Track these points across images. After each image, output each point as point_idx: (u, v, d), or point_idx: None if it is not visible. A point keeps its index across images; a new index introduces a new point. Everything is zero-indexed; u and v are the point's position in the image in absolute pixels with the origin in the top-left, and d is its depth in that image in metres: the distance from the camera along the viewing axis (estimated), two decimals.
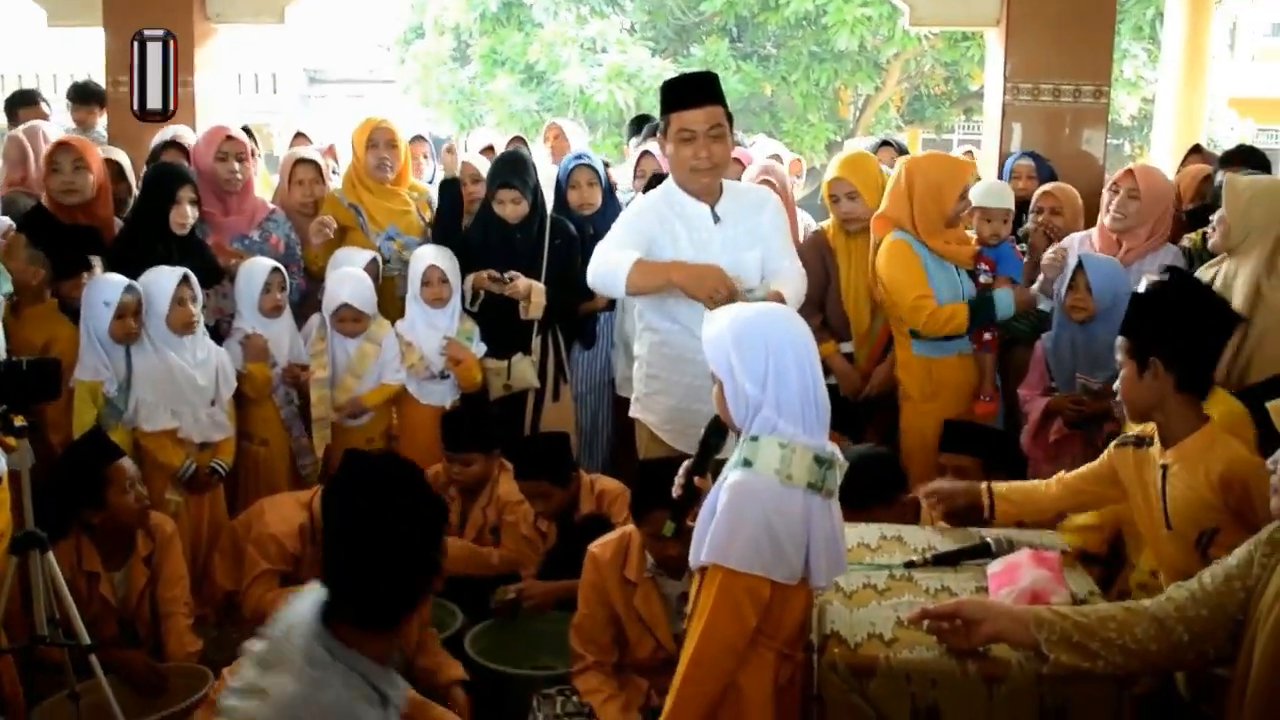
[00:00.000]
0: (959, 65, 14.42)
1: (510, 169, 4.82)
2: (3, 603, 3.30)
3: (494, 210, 4.79)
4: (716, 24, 14.24)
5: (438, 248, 4.83)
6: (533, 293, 4.74)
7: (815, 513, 2.35)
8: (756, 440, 2.35)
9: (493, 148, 6.34)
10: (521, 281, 4.73)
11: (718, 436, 2.58)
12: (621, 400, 4.97)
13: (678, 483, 2.64)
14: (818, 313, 4.60)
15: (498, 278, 4.74)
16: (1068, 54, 6.09)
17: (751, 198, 3.92)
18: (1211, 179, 4.97)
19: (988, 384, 4.47)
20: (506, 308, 4.79)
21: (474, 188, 5.08)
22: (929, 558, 2.88)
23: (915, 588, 2.74)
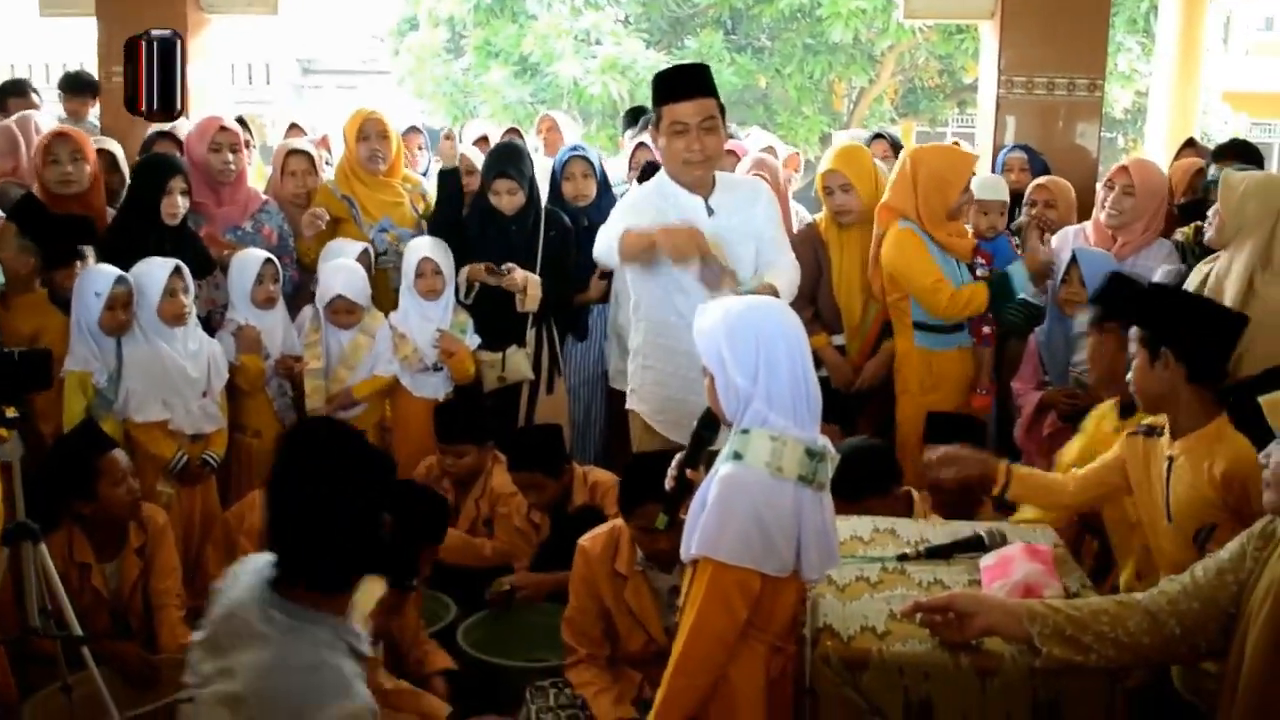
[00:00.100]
0: (953, 58, 14.38)
1: (507, 159, 4.82)
2: None
3: (490, 201, 4.78)
4: (711, 16, 14.21)
5: (432, 240, 4.82)
6: (529, 285, 4.74)
7: (806, 505, 2.35)
8: (747, 433, 2.35)
9: (487, 138, 6.33)
10: (518, 273, 4.72)
11: (710, 429, 2.58)
12: (615, 393, 4.97)
13: (670, 475, 2.65)
14: (810, 305, 4.60)
15: (494, 270, 4.74)
16: (1062, 47, 6.08)
17: (744, 190, 3.91)
18: (1204, 173, 4.97)
19: (985, 377, 4.48)
20: (501, 300, 4.78)
21: (470, 179, 5.06)
22: (922, 551, 2.88)
23: (908, 581, 2.73)
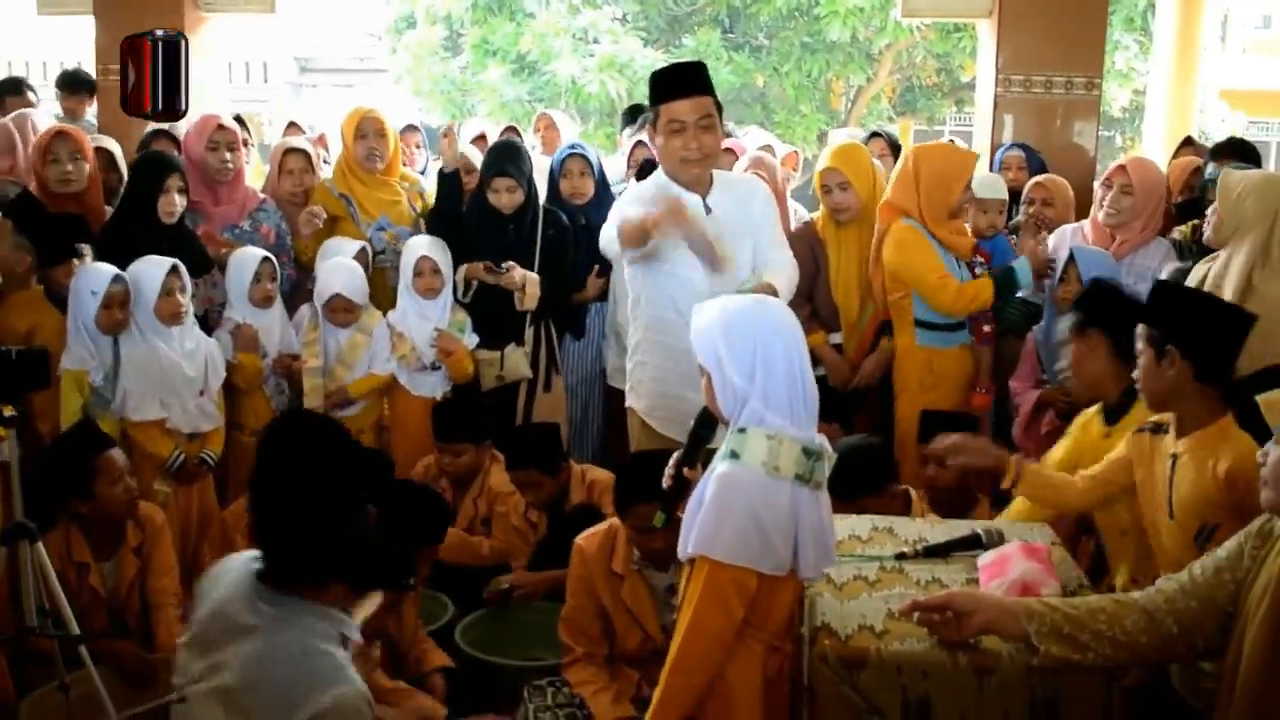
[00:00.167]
0: (951, 57, 14.38)
1: (506, 157, 4.82)
2: None
3: (489, 200, 4.78)
4: (708, 14, 14.21)
5: (430, 238, 4.82)
6: (528, 283, 4.73)
7: (803, 504, 2.35)
8: (744, 432, 2.35)
9: (484, 136, 6.32)
10: (517, 272, 4.72)
11: (707, 428, 2.59)
12: (612, 391, 4.98)
13: (668, 474, 2.64)
14: (807, 303, 4.60)
15: (493, 269, 4.73)
16: (1059, 46, 6.09)
17: (742, 188, 3.90)
18: (1201, 171, 4.98)
19: (985, 376, 4.49)
20: (499, 298, 4.78)
21: (468, 178, 5.06)
22: (920, 549, 2.88)
23: (906, 579, 2.74)
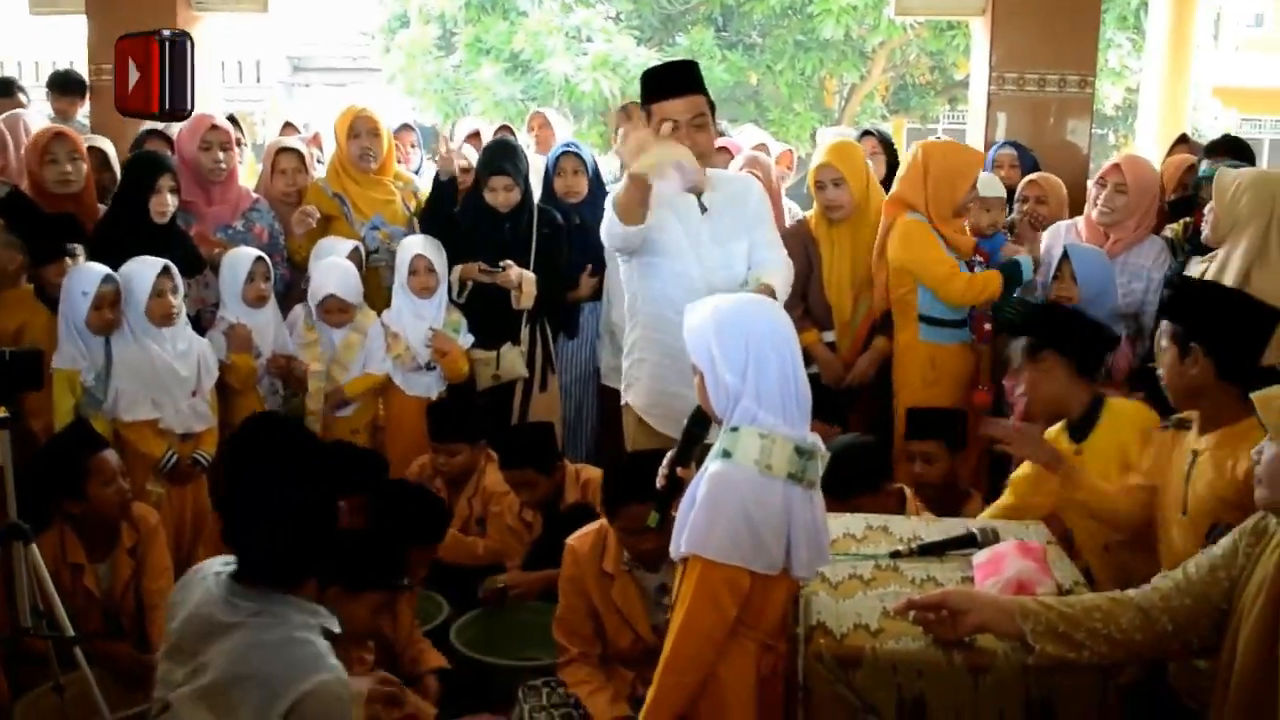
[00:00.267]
0: (944, 55, 14.40)
1: (503, 155, 4.81)
2: None
3: (484, 198, 4.77)
4: (702, 13, 14.21)
5: (425, 237, 4.81)
6: (524, 282, 4.73)
7: (796, 503, 2.35)
8: (736, 431, 2.35)
9: (479, 133, 6.32)
10: (514, 270, 4.71)
11: (700, 427, 2.58)
12: (606, 390, 4.97)
13: (661, 473, 2.64)
14: (800, 301, 4.60)
15: (487, 269, 4.73)
16: (1053, 44, 6.09)
17: (736, 187, 3.89)
18: (1194, 169, 4.99)
19: (985, 374, 4.49)
20: (495, 298, 4.78)
21: (464, 177, 5.04)
22: (915, 548, 2.88)
23: (901, 578, 2.74)
